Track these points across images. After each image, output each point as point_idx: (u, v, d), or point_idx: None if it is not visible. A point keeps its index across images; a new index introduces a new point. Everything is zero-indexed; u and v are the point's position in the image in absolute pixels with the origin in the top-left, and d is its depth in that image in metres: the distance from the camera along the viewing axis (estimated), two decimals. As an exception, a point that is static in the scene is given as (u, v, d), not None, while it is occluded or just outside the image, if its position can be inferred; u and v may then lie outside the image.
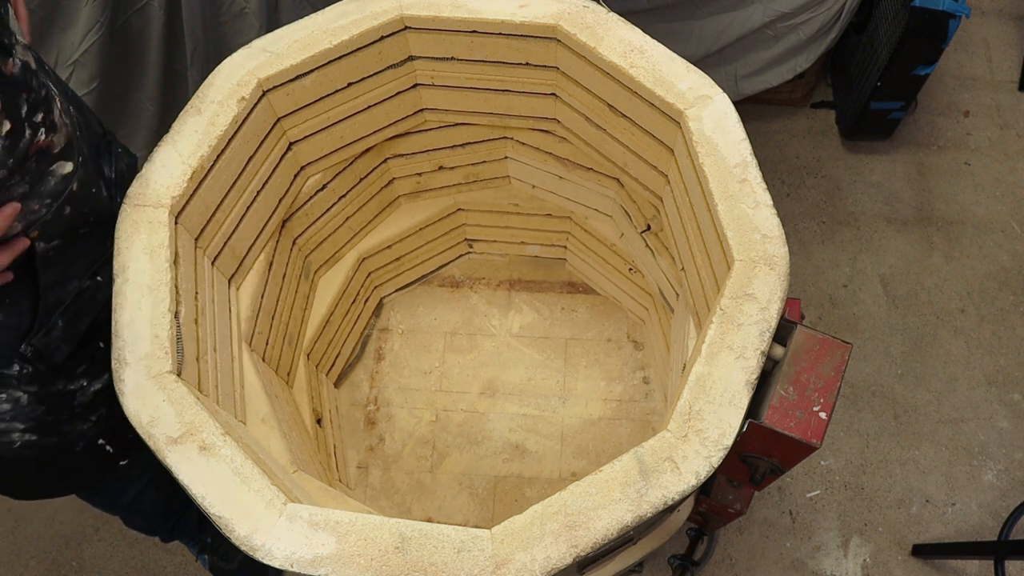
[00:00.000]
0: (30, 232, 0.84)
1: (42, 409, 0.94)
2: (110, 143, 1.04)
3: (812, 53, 1.94)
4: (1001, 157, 2.20)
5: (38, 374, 0.91)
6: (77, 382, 0.97)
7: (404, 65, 1.19)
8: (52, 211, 0.85)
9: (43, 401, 0.93)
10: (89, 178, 0.92)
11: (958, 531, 1.73)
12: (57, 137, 0.84)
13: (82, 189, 0.89)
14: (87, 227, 0.92)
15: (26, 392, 0.91)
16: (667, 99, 1.01)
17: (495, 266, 1.69)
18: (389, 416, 1.54)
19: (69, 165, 0.86)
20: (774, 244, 0.91)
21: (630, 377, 1.57)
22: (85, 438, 1.01)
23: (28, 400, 0.92)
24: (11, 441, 0.93)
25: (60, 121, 0.85)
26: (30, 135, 0.79)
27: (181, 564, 1.71)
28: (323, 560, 0.75)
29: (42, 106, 0.81)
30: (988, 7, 2.45)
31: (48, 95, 0.83)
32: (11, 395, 0.90)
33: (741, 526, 1.73)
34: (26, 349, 0.88)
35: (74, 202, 0.88)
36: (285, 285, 1.28)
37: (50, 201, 0.84)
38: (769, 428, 0.86)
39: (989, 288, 2.01)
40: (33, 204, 0.83)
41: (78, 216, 0.89)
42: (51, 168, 0.84)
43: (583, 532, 0.77)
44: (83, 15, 1.41)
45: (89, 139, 0.96)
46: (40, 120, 0.81)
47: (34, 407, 0.93)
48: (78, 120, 0.93)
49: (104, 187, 0.97)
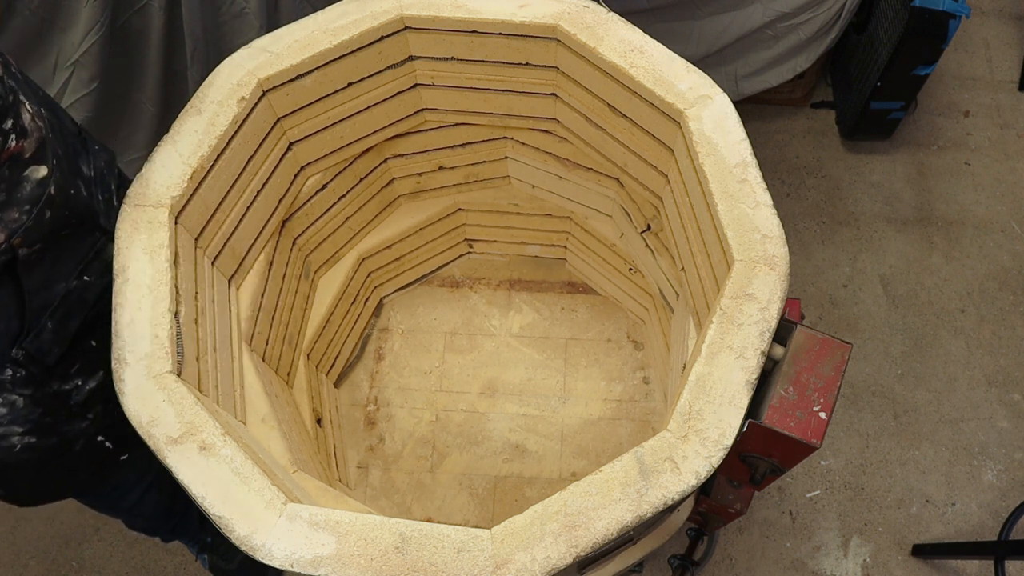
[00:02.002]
0: (12, 240, 0.82)
1: (39, 411, 0.94)
2: (86, 140, 1.03)
3: (812, 53, 1.94)
4: (1001, 157, 2.20)
5: (32, 377, 0.91)
6: (72, 381, 0.97)
7: (404, 65, 1.19)
8: (32, 217, 0.84)
9: (39, 403, 0.93)
10: (66, 180, 0.91)
11: (958, 531, 1.73)
12: (28, 142, 0.83)
13: (60, 192, 0.88)
14: (69, 228, 0.91)
15: (21, 395, 0.91)
16: (667, 99, 1.01)
17: (495, 266, 1.69)
18: (389, 416, 1.54)
19: (43, 169, 0.85)
20: (774, 244, 0.91)
21: (630, 377, 1.57)
22: (84, 436, 1.01)
23: (24, 403, 0.92)
24: (11, 445, 0.93)
25: (31, 125, 0.84)
26: (0, 142, 0.79)
27: (181, 564, 1.71)
28: (323, 560, 0.75)
29: (10, 112, 0.80)
30: (988, 7, 2.45)
31: (16, 100, 0.82)
32: (6, 399, 0.90)
33: (741, 526, 1.73)
34: (17, 353, 0.88)
35: (53, 206, 0.87)
36: (285, 285, 1.28)
37: (29, 207, 0.83)
38: (769, 428, 0.86)
39: (989, 288, 2.00)
40: (12, 212, 0.82)
41: (59, 219, 0.88)
42: (24, 174, 0.83)
43: (583, 532, 0.77)
44: (83, 15, 1.41)
45: (64, 139, 0.95)
46: (9, 127, 0.80)
47: (31, 409, 0.93)
48: (51, 121, 0.92)
49: (83, 186, 0.96)
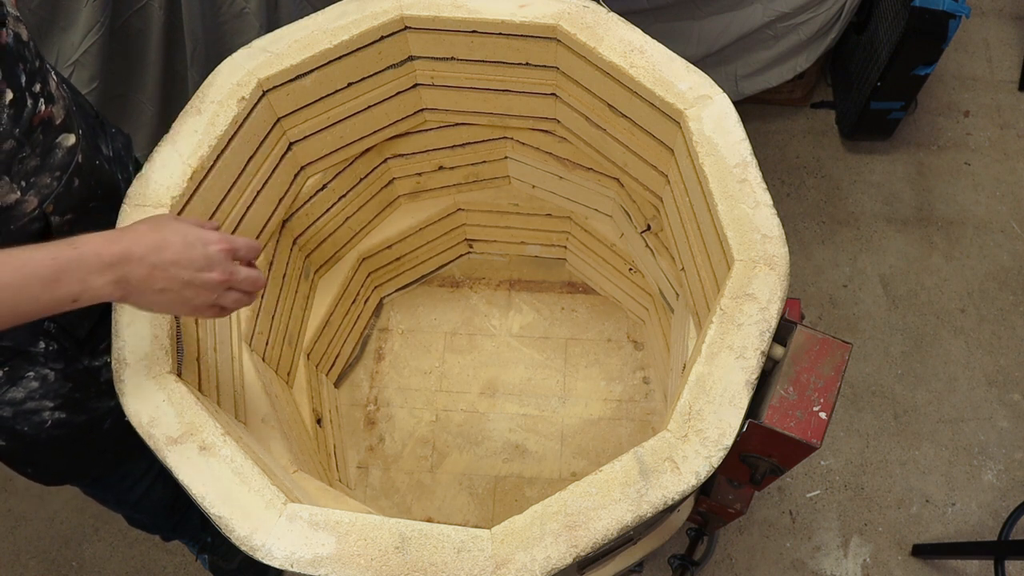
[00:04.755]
0: (44, 206, 0.85)
1: (69, 386, 0.95)
2: (103, 123, 1.06)
3: (812, 53, 1.94)
4: (1001, 157, 2.20)
5: (63, 351, 0.93)
6: (101, 358, 0.99)
7: (404, 65, 1.19)
8: (63, 184, 0.86)
9: (69, 378, 0.95)
10: (91, 151, 0.93)
11: (958, 531, 1.73)
12: (56, 108, 0.85)
13: (87, 161, 0.91)
14: (96, 200, 0.93)
15: (53, 369, 0.93)
16: (667, 99, 1.01)
17: (495, 266, 1.69)
18: (389, 416, 1.54)
19: (72, 137, 0.87)
20: (774, 244, 0.91)
21: (630, 377, 1.57)
22: (113, 415, 1.02)
23: (55, 377, 0.93)
24: (43, 420, 0.95)
25: (57, 92, 0.86)
26: (31, 105, 0.80)
27: (181, 564, 1.71)
28: (323, 560, 0.75)
29: (38, 76, 0.82)
30: (988, 7, 2.45)
31: (43, 66, 0.84)
32: (39, 372, 0.92)
33: (741, 526, 1.73)
34: (49, 325, 0.91)
35: (81, 174, 0.89)
36: (285, 285, 1.28)
37: (59, 174, 0.86)
38: (769, 428, 0.86)
39: (989, 288, 2.00)
40: (45, 178, 0.84)
41: (86, 189, 0.90)
42: (56, 140, 0.85)
43: (583, 532, 0.77)
44: (83, 15, 1.41)
45: (84, 116, 0.97)
46: (39, 91, 0.82)
47: (61, 384, 0.94)
48: (71, 96, 0.94)
49: (105, 163, 0.98)
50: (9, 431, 0.94)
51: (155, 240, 0.73)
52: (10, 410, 0.92)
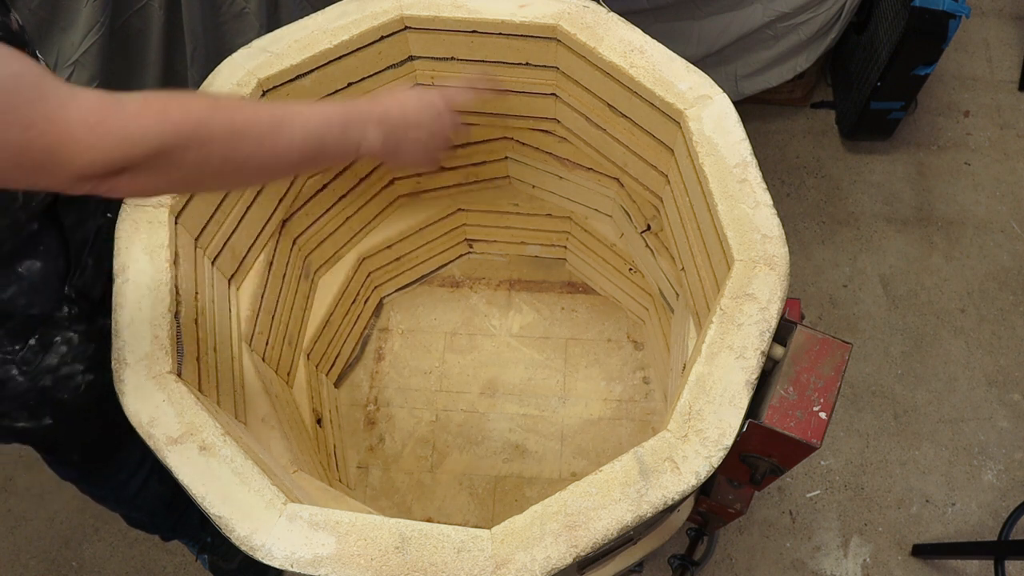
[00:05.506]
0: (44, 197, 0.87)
1: (93, 347, 0.99)
2: None
3: (812, 53, 1.94)
4: (1001, 157, 2.20)
5: (83, 313, 0.97)
6: None
7: (404, 65, 1.19)
8: None
9: (92, 338, 0.99)
10: None
11: (958, 531, 1.73)
12: None
13: None
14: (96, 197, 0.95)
15: (76, 332, 0.97)
16: (667, 99, 1.01)
17: (495, 266, 1.69)
18: (389, 416, 1.54)
19: None
20: (774, 244, 0.91)
21: (630, 377, 1.57)
22: None
23: (79, 339, 0.97)
24: (77, 385, 0.98)
25: None
26: None
27: (181, 564, 1.71)
28: (323, 560, 0.75)
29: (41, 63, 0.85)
30: (988, 7, 2.45)
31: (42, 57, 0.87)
32: (65, 336, 0.96)
33: (741, 526, 1.73)
34: (69, 291, 0.95)
35: None
36: (285, 285, 1.28)
37: None
38: (769, 428, 0.86)
39: (989, 288, 2.00)
40: None
41: None
42: None
43: (583, 532, 0.77)
44: (83, 15, 1.41)
45: None
46: None
47: (86, 345, 0.98)
48: None
49: None
50: (52, 403, 0.98)
51: (400, 102, 0.87)
52: (50, 378, 0.96)
